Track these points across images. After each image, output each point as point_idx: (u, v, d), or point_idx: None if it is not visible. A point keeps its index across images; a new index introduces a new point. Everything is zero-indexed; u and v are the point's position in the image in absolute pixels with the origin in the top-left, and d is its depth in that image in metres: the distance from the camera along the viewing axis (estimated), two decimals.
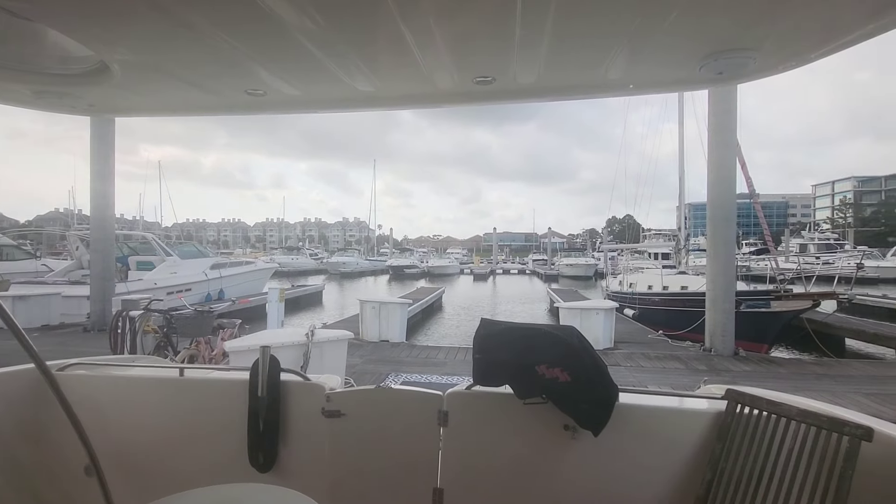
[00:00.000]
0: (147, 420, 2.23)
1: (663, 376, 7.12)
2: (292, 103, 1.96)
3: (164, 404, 2.26)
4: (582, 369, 1.87)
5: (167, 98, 1.93)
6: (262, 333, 5.62)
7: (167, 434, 2.22)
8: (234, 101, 1.93)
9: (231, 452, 2.14)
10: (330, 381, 2.26)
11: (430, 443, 2.06)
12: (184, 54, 1.50)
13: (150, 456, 2.20)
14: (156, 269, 15.15)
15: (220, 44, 1.40)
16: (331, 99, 1.94)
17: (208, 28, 1.31)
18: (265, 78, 1.67)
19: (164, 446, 2.21)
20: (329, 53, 1.49)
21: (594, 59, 1.58)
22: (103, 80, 1.69)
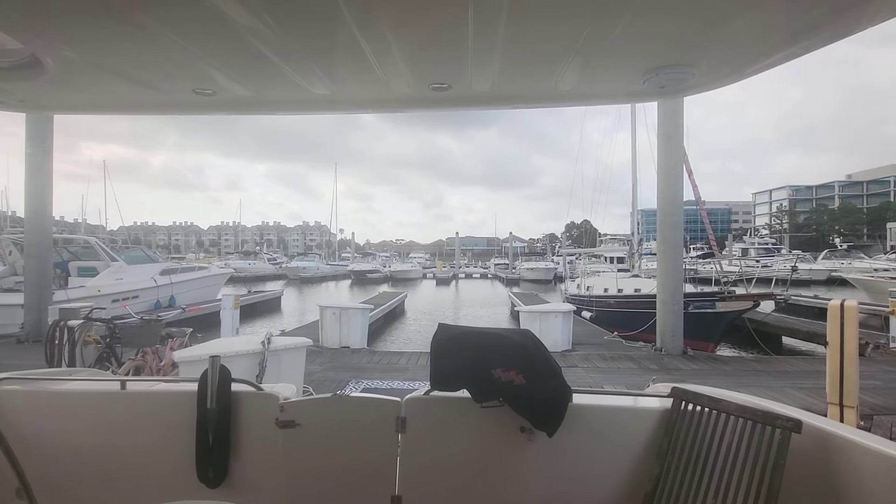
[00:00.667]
0: (86, 437, 2.10)
1: (617, 376, 7.37)
2: (244, 104, 1.91)
3: (104, 420, 2.13)
4: (537, 371, 1.91)
5: (109, 96, 1.84)
6: (214, 342, 5.39)
7: (108, 452, 2.09)
8: (182, 101, 1.86)
9: (178, 468, 2.05)
10: (284, 391, 2.20)
11: (387, 450, 2.04)
12: (127, 51, 1.43)
13: (90, 476, 2.07)
14: (99, 275, 14.23)
15: (167, 42, 1.35)
16: (285, 101, 1.90)
17: (153, 25, 1.26)
18: (215, 78, 1.62)
19: (104, 465, 2.08)
20: (282, 56, 1.46)
21: (546, 70, 1.63)
22: (36, 75, 1.59)
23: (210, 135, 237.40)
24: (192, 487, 2.01)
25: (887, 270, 21.25)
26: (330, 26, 1.29)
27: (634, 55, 1.53)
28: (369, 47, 1.42)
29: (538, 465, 1.99)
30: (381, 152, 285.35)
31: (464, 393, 2.01)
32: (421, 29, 1.34)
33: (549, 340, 9.39)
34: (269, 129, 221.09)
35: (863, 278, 18.91)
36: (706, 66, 1.59)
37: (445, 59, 1.54)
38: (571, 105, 2.04)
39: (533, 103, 2.02)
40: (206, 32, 1.31)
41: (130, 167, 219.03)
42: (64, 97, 1.85)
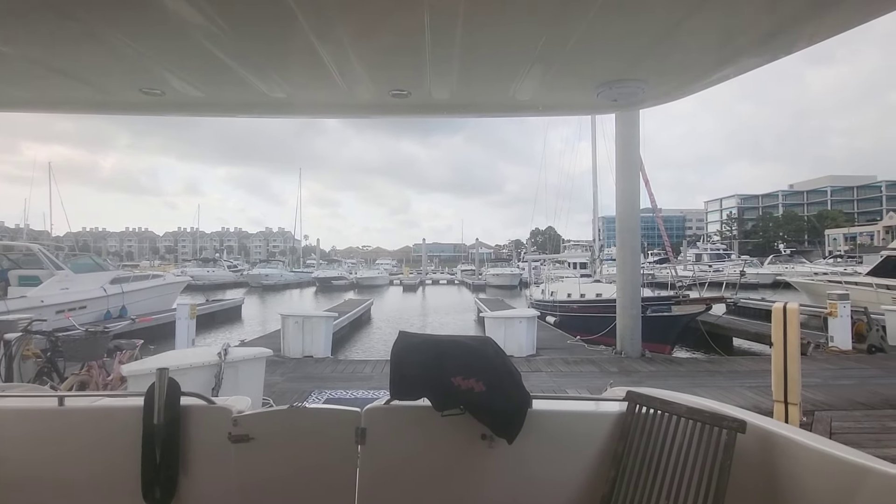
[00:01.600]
0: (17, 459, 1.95)
1: (579, 379, 7.53)
2: (195, 105, 1.84)
3: (39, 439, 1.99)
4: (496, 379, 1.93)
5: (49, 93, 1.74)
6: (167, 354, 5.15)
7: (44, 473, 1.96)
8: (128, 100, 1.78)
9: (122, 488, 1.94)
10: (238, 404, 2.12)
11: (347, 462, 2.00)
12: (65, 46, 1.36)
13: (24, 500, 1.93)
14: (43, 284, 13.32)
15: (110, 39, 1.29)
16: (238, 103, 1.86)
17: (95, 21, 1.20)
18: (164, 77, 1.57)
19: (40, 487, 1.95)
20: (235, 58, 1.43)
21: (503, 79, 1.67)
22: None
23: (165, 137, 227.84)
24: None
25: (826, 274, 22.75)
26: (285, 31, 1.27)
27: (588, 68, 1.58)
28: (326, 52, 1.40)
29: (499, 472, 2.00)
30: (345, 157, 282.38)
31: (424, 401, 2.00)
32: (378, 35, 1.34)
33: (514, 345, 9.50)
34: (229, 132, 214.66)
35: (804, 282, 20.17)
36: (655, 80, 1.67)
37: (404, 66, 1.55)
38: (529, 115, 2.09)
39: (492, 112, 2.06)
40: (152, 31, 1.27)
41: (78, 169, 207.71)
42: (7, 93, 1.73)
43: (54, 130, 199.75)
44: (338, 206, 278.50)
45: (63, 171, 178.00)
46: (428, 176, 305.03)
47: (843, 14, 1.20)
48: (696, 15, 1.22)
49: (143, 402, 1.96)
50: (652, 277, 17.39)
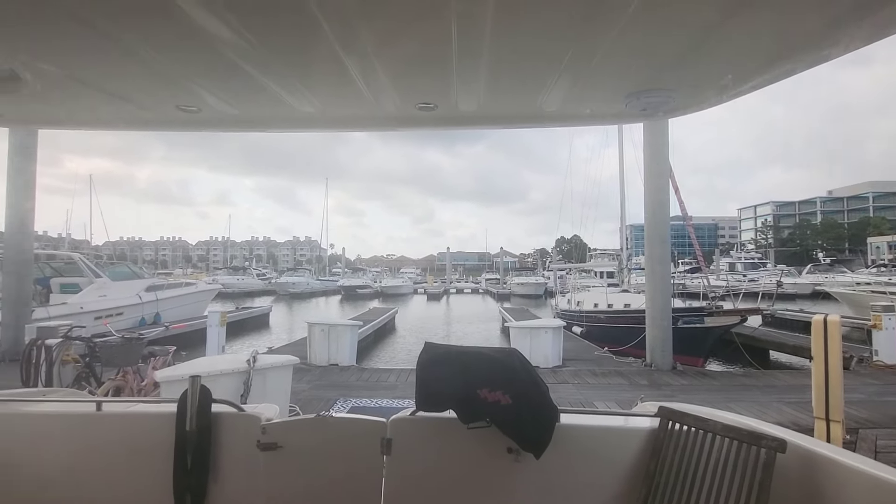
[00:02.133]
0: (57, 462, 2.02)
1: (608, 392, 7.35)
2: (230, 122, 1.91)
3: (77, 443, 2.06)
4: (523, 392, 1.90)
5: (92, 111, 1.84)
6: (198, 361, 5.28)
7: (81, 477, 2.02)
8: (166, 117, 1.87)
9: (155, 493, 1.98)
10: (267, 412, 2.15)
11: (372, 472, 2.00)
12: (109, 67, 1.44)
13: (62, 501, 1.99)
14: (82, 291, 13.94)
15: (149, 59, 1.36)
16: (271, 118, 1.91)
17: (136, 42, 1.27)
18: (199, 95, 1.63)
19: (77, 491, 2.01)
20: (266, 74, 1.48)
21: (530, 91, 1.66)
22: (16, 90, 1.59)
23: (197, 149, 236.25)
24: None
25: (869, 284, 21.64)
26: (313, 45, 1.30)
27: (616, 79, 1.56)
28: (354, 66, 1.43)
29: (525, 486, 1.96)
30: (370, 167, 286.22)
31: (450, 413, 1.98)
32: (405, 49, 1.36)
33: (539, 356, 9.36)
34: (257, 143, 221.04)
35: (845, 292, 19.24)
36: (686, 90, 1.63)
37: (431, 80, 1.57)
38: (556, 126, 2.08)
39: (519, 123, 2.05)
40: (188, 50, 1.32)
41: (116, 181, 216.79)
42: (46, 112, 1.84)
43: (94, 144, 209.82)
44: (363, 216, 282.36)
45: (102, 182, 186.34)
46: (451, 185, 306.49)
47: (881, 20, 1.15)
48: (727, 24, 1.19)
49: (175, 409, 2.01)
50: (683, 287, 16.88)
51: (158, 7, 1.07)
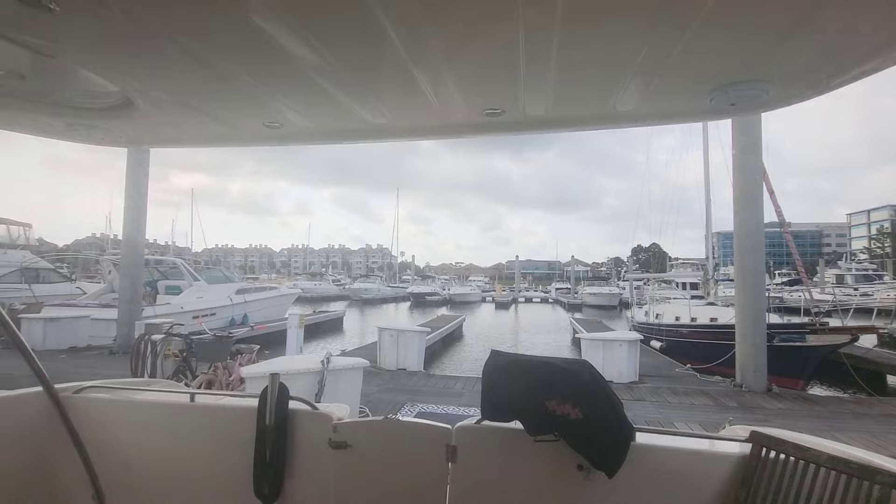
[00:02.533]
0: (155, 446, 2.23)
1: (690, 413, 6.79)
2: (308, 135, 2.02)
3: (173, 430, 2.25)
4: (595, 407, 1.79)
5: (191, 130, 2.02)
6: (278, 360, 5.64)
7: (174, 461, 2.21)
8: (254, 134, 2.01)
9: (237, 482, 2.11)
10: (338, 411, 2.22)
11: (438, 478, 1.99)
12: (205, 90, 1.57)
13: (157, 483, 2.19)
14: (183, 293, 15.54)
15: (239, 80, 1.47)
16: (345, 130, 1.99)
17: (227, 65, 1.38)
18: (282, 111, 1.74)
19: (170, 473, 2.20)
20: (341, 88, 1.54)
21: (602, 91, 1.58)
22: (129, 114, 1.78)
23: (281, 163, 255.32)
24: (248, 501, 2.07)
25: None
26: (384, 60, 1.34)
27: (699, 72, 1.44)
28: (422, 77, 1.45)
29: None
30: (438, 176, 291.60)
31: (516, 424, 1.92)
32: (472, 57, 1.35)
33: (613, 370, 8.89)
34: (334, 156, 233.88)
35: None
36: (782, 80, 1.46)
37: (498, 86, 1.54)
38: (632, 126, 1.96)
39: (590, 125, 1.96)
40: (275, 72, 1.42)
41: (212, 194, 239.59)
42: (156, 133, 2.07)
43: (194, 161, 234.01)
44: (431, 224, 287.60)
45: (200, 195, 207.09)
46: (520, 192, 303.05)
47: None
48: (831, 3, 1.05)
49: (257, 404, 2.14)
50: (780, 301, 15.23)
51: (253, 37, 1.17)
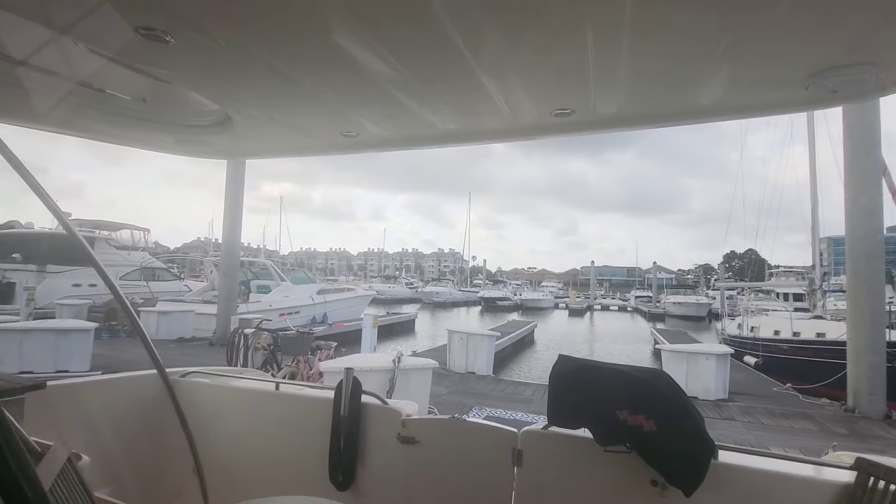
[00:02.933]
0: (245, 427, 2.46)
1: (788, 437, 6.09)
2: (382, 142, 2.13)
3: (260, 415, 2.47)
4: (671, 419, 1.69)
5: (279, 142, 2.23)
6: (353, 356, 5.94)
7: (260, 442, 2.42)
8: (333, 143, 2.17)
9: (313, 467, 2.26)
10: (407, 408, 2.29)
11: (503, 481, 1.99)
12: (290, 104, 1.73)
13: (245, 461, 2.41)
14: (272, 292, 16.90)
15: (320, 94, 1.61)
16: (416, 137, 2.07)
17: (309, 81, 1.51)
18: (358, 121, 1.86)
19: (257, 453, 2.41)
20: (412, 97, 1.61)
21: (680, 85, 1.49)
22: (227, 129, 2.01)
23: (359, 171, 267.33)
24: (323, 486, 2.20)
25: None
26: (454, 68, 1.38)
27: (792, 57, 1.31)
28: (491, 83, 1.48)
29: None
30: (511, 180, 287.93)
31: (584, 432, 1.86)
32: (538, 60, 1.35)
33: (698, 386, 8.24)
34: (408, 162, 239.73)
35: None
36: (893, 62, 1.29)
37: (566, 85, 1.52)
38: (715, 120, 1.83)
39: (668, 122, 1.86)
40: (353, 84, 1.53)
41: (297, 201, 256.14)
42: (251, 146, 2.30)
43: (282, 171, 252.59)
44: (503, 228, 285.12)
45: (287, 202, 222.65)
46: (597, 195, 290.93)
47: None
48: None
49: (333, 395, 2.27)
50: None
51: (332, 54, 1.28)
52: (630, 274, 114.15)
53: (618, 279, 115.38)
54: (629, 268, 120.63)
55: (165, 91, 1.74)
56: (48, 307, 14.23)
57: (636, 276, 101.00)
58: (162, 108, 1.94)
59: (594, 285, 66.12)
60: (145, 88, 1.76)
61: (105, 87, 1.71)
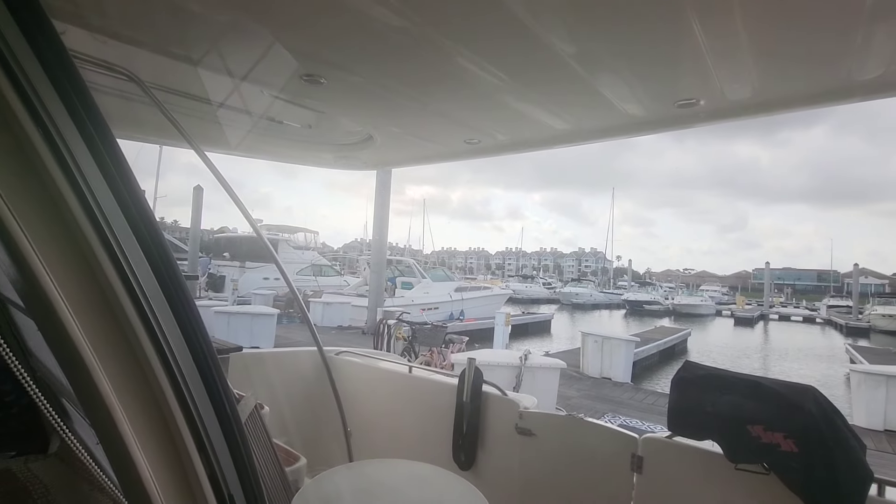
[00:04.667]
0: (384, 402, 2.81)
1: None
2: (501, 146, 2.28)
3: (396, 393, 2.80)
4: (817, 441, 1.47)
5: (414, 152, 2.56)
6: (482, 351, 6.17)
7: (395, 415, 2.74)
8: (458, 150, 2.41)
9: (439, 444, 2.48)
10: (525, 401, 2.38)
11: (622, 486, 1.95)
12: (421, 120, 2.02)
13: (381, 429, 2.75)
14: (413, 288, 18.31)
15: (445, 109, 1.83)
16: (534, 139, 2.16)
17: (436, 99, 1.75)
18: (478, 128, 2.04)
19: (391, 424, 2.74)
20: (523, 101, 1.71)
21: (824, 62, 1.29)
22: (372, 145, 2.41)
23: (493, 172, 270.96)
24: (447, 463, 2.39)
25: None
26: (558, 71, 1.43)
27: None
28: (599, 80, 1.50)
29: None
30: (659, 171, 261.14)
31: (713, 446, 1.73)
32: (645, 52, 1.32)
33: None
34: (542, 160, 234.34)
35: None
36: None
37: (683, 74, 1.44)
38: (879, 97, 1.52)
39: (817, 103, 1.61)
40: (473, 97, 1.70)
41: (437, 203, 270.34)
42: (393, 156, 2.69)
43: (423, 175, 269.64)
44: (651, 225, 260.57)
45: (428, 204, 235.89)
46: (772, 183, 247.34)
47: None
48: None
49: (457, 382, 2.46)
50: None
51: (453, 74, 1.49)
52: (821, 278, 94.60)
53: (803, 284, 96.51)
54: (820, 271, 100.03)
55: (324, 119, 2.20)
56: (246, 295, 17.66)
57: (829, 280, 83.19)
58: (322, 132, 2.41)
59: (769, 290, 56.18)
60: (309, 118, 2.22)
61: (281, 120, 2.21)
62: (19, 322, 0.84)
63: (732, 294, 67.53)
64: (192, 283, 14.39)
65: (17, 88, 0.55)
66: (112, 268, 0.61)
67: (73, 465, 0.77)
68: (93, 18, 1.26)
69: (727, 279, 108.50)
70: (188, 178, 42.09)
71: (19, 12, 0.55)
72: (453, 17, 1.17)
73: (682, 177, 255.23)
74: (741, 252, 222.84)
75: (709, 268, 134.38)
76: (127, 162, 0.64)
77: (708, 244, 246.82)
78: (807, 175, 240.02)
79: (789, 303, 64.18)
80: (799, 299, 70.78)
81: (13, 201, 0.56)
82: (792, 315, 49.53)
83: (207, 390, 0.68)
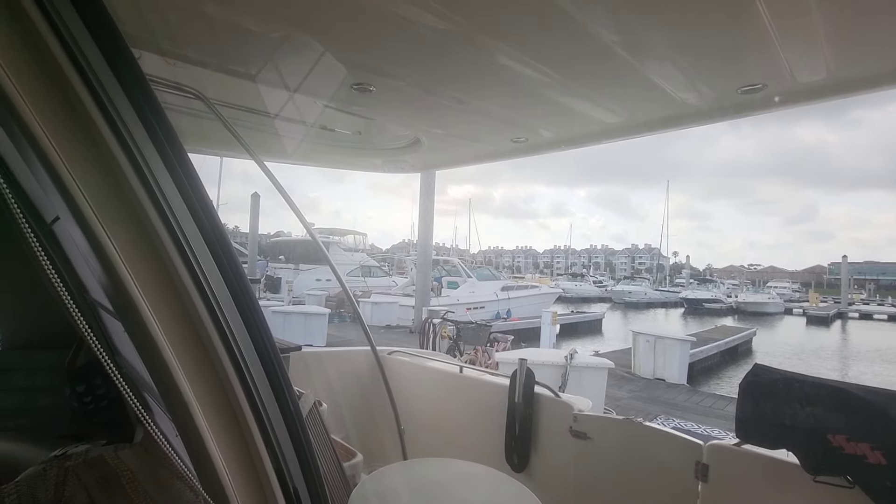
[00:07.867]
0: (435, 400, 2.80)
1: None
2: (549, 144, 2.22)
3: (447, 392, 2.79)
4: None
5: (460, 153, 2.58)
6: (527, 350, 6.04)
7: (447, 415, 2.72)
8: (505, 149, 2.37)
9: (491, 445, 2.43)
10: (580, 403, 2.30)
11: (685, 495, 1.83)
12: (467, 121, 2.02)
13: (434, 428, 2.74)
14: (459, 288, 18.31)
15: (490, 109, 1.81)
16: (583, 135, 2.08)
17: (481, 100, 1.73)
18: (526, 126, 1.99)
19: (443, 424, 2.72)
20: (570, 96, 1.63)
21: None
22: (417, 148, 2.42)
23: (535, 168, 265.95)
24: (500, 464, 2.35)
25: None
26: (606, 63, 1.35)
27: None
28: (651, 69, 1.43)
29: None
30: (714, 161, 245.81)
31: (788, 456, 1.60)
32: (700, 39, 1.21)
33: None
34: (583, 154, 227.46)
35: None
36: None
37: (745, 57, 1.32)
38: None
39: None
40: (518, 96, 1.67)
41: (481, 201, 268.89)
42: (437, 159, 2.70)
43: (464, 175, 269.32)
44: (708, 219, 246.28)
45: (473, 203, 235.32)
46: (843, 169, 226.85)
47: None
48: None
49: (508, 383, 2.41)
50: None
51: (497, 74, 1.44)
52: None
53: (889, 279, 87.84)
54: None
55: (372, 125, 2.28)
56: (300, 296, 18.39)
57: None
58: (371, 138, 2.47)
59: (847, 286, 51.40)
60: (359, 125, 2.30)
61: (333, 128, 2.30)
62: (108, 324, 0.92)
63: (805, 291, 62.53)
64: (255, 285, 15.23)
65: (101, 109, 0.62)
66: (188, 275, 0.67)
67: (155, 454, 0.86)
68: (164, 44, 1.36)
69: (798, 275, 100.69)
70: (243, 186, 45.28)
71: (103, 42, 0.63)
72: (495, 14, 1.16)
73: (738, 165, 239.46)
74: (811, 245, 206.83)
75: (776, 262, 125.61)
76: (198, 174, 0.69)
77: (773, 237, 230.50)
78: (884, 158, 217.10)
79: (872, 299, 58.64)
80: (884, 295, 64.39)
81: (103, 217, 0.62)
82: (875, 313, 45.02)
83: (272, 388, 0.73)
